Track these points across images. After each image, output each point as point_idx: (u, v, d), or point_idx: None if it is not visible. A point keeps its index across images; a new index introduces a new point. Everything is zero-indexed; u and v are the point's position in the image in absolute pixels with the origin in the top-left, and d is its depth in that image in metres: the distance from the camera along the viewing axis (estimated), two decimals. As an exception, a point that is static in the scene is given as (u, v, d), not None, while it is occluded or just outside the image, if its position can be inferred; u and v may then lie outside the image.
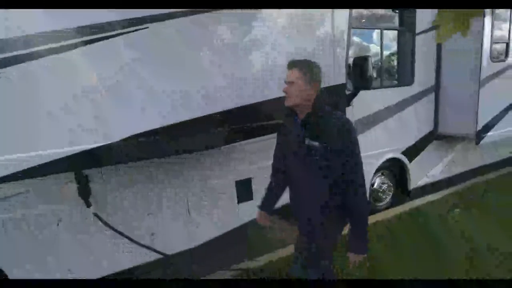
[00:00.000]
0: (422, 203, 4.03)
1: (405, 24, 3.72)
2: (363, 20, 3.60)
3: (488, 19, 3.78)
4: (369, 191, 3.79)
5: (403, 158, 3.98)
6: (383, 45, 3.65)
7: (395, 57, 3.90)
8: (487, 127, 4.05)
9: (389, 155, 3.86)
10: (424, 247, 2.96)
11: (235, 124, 2.32)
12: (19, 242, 2.14)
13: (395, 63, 3.91)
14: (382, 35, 3.63)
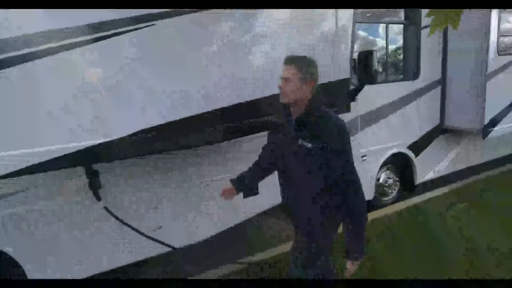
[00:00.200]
0: (426, 198, 4.00)
1: (410, 18, 3.70)
2: (368, 15, 3.59)
3: (495, 11, 3.74)
4: (374, 185, 3.80)
5: (408, 152, 3.97)
6: (388, 39, 3.64)
7: (400, 51, 3.88)
8: (494, 121, 4.01)
9: (394, 150, 3.85)
10: (426, 246, 2.92)
11: (242, 119, 2.35)
12: (34, 235, 2.20)
13: (401, 57, 3.89)
14: (387, 29, 3.62)
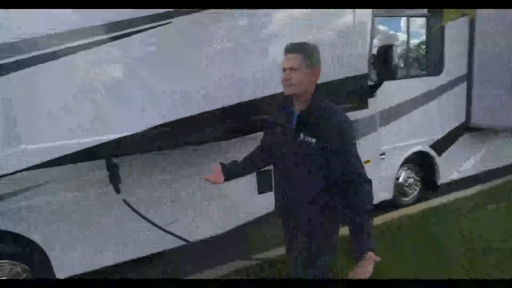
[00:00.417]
0: (449, 199, 3.83)
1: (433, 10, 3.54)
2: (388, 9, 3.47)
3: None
4: (393, 185, 3.68)
5: (431, 151, 3.82)
6: (409, 33, 3.50)
7: (423, 45, 3.72)
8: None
9: (416, 148, 3.71)
10: (449, 247, 2.82)
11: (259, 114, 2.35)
12: (60, 224, 2.30)
13: (423, 51, 3.74)
14: (408, 23, 3.48)
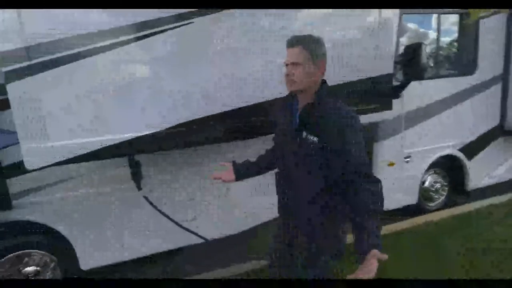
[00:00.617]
0: (479, 206, 3.65)
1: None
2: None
3: None
4: (418, 189, 3.53)
5: (460, 155, 3.63)
6: (440, 30, 3.33)
7: (454, 44, 3.53)
8: None
9: (444, 152, 3.54)
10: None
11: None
12: (84, 217, 2.39)
13: (455, 50, 3.55)
14: (439, 20, 3.31)
